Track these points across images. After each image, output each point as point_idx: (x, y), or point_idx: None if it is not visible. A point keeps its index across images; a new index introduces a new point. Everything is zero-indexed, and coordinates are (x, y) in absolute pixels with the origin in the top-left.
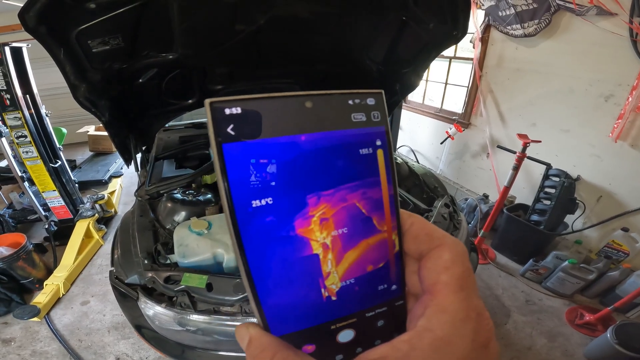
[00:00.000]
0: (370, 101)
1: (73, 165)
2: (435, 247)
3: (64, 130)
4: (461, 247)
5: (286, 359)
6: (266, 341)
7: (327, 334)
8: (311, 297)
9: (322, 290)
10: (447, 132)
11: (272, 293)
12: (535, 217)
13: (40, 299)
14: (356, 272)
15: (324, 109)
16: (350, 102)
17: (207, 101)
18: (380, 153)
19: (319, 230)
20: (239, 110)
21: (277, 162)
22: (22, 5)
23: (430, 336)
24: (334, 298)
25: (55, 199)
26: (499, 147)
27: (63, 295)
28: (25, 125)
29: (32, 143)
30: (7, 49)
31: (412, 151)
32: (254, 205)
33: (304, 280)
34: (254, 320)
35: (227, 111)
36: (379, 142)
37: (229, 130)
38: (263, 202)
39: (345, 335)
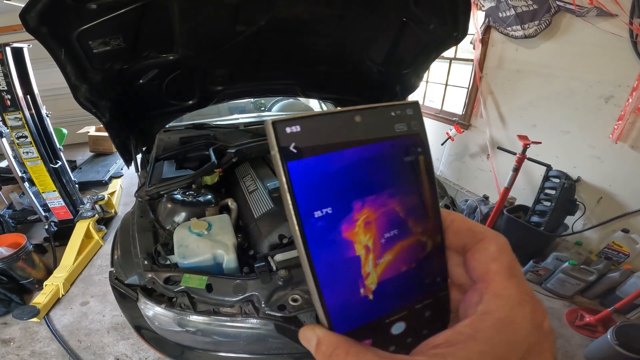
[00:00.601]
0: (409, 111)
1: (73, 165)
2: (479, 240)
3: (65, 130)
4: (503, 239)
5: (360, 353)
6: (336, 339)
7: (382, 327)
8: (356, 296)
9: (362, 289)
10: (447, 133)
11: (333, 294)
12: (535, 219)
13: (40, 299)
14: (392, 272)
15: (371, 122)
16: (393, 113)
17: (268, 120)
18: (421, 159)
19: (362, 234)
20: (298, 128)
21: (335, 174)
22: (23, 5)
23: (491, 318)
24: (370, 297)
25: (55, 200)
26: (499, 148)
27: (63, 295)
28: (25, 125)
29: (33, 143)
30: (8, 50)
31: None
32: (316, 216)
33: (351, 280)
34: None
35: (288, 130)
36: (419, 149)
37: (291, 148)
38: (323, 212)
39: (398, 328)
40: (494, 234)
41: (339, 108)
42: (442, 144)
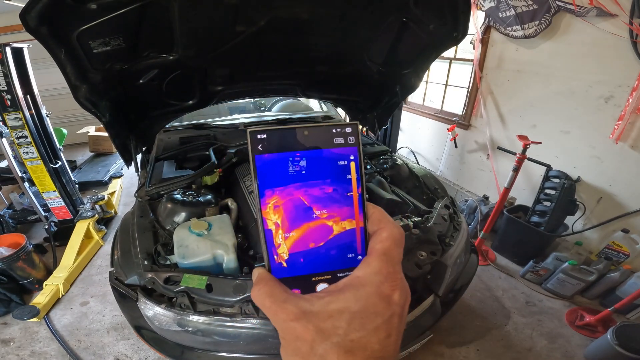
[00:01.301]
0: (348, 130)
1: (73, 165)
2: (380, 228)
3: (65, 130)
4: (397, 231)
5: (273, 283)
6: (267, 276)
7: (308, 284)
8: (274, 261)
9: (275, 257)
10: (451, 130)
11: (268, 250)
12: (535, 219)
13: (40, 299)
14: (302, 247)
15: (316, 136)
16: (334, 130)
17: (248, 129)
18: (352, 165)
19: (272, 213)
20: (265, 135)
21: (278, 165)
22: (23, 5)
23: (356, 280)
24: (284, 265)
25: (55, 200)
26: (499, 148)
27: (62, 295)
28: (25, 125)
29: (33, 143)
30: (8, 50)
31: (412, 152)
32: (265, 191)
33: (270, 245)
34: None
35: (259, 136)
36: (352, 157)
37: (258, 147)
38: (270, 189)
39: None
40: (392, 225)
41: (297, 125)
42: (454, 142)
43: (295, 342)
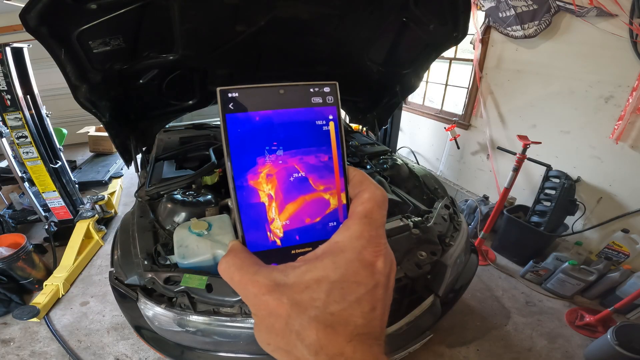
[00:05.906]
0: (326, 89)
1: (73, 165)
2: (362, 190)
3: (65, 130)
4: (380, 192)
5: (244, 255)
6: (238, 247)
7: (288, 256)
8: (263, 236)
9: (268, 233)
10: (449, 129)
11: (246, 224)
12: (535, 219)
13: (40, 299)
14: (296, 223)
15: (292, 94)
16: (311, 90)
17: (218, 88)
18: (331, 124)
19: (265, 183)
20: (236, 94)
21: (256, 126)
22: (23, 5)
23: (335, 246)
24: (278, 242)
25: (55, 200)
26: (499, 148)
27: (62, 295)
28: (25, 125)
29: (33, 143)
30: (8, 50)
31: (412, 152)
32: (239, 154)
33: (258, 221)
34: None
35: (230, 94)
36: (330, 117)
37: (229, 106)
38: (244, 151)
39: None
40: (375, 187)
41: (270, 84)
42: (457, 148)
43: (268, 318)
